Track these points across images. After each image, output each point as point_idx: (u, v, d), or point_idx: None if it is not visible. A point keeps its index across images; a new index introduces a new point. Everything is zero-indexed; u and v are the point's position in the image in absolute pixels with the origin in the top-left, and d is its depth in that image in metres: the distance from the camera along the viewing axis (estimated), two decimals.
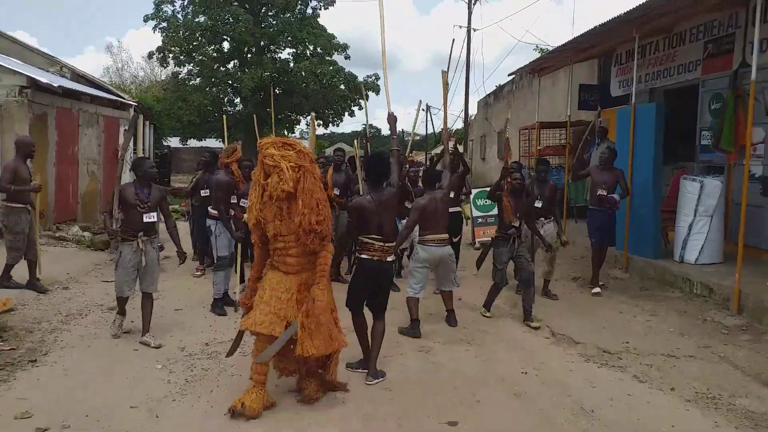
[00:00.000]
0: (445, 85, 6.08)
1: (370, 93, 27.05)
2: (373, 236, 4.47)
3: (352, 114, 28.27)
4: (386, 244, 4.50)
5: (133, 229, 5.20)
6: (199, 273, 8.02)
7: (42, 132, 10.16)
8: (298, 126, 29.11)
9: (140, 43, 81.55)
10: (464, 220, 8.18)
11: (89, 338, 5.31)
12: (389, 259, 4.55)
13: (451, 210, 6.89)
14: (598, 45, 8.97)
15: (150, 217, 5.23)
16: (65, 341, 5.19)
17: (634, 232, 7.88)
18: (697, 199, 7.23)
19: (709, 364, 4.95)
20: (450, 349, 5.32)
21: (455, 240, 7.11)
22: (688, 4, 6.80)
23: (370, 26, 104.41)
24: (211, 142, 29.00)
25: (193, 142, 30.41)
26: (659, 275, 7.39)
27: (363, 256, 4.51)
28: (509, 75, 13.73)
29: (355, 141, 8.56)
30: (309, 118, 7.27)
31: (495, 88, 22.31)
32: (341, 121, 28.15)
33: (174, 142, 30.50)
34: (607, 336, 5.62)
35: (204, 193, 7.56)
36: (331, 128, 30.43)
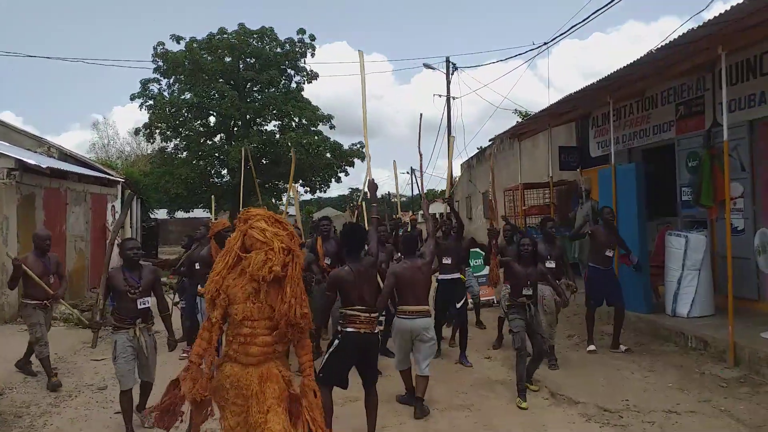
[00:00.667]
0: (451, 150, 6.47)
1: (355, 160, 27.56)
2: (357, 308, 4.34)
3: (338, 180, 28.63)
4: (371, 315, 4.39)
5: (127, 317, 4.84)
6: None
7: (29, 212, 10.18)
8: (285, 194, 29.34)
9: (126, 119, 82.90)
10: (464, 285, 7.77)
11: (80, 421, 5.17)
12: (376, 330, 4.43)
13: (450, 277, 6.94)
14: (575, 110, 9.34)
15: (144, 303, 4.90)
16: (55, 425, 5.05)
17: (624, 287, 7.96)
18: (683, 253, 7.37)
19: (710, 418, 4.92)
20: (449, 416, 5.24)
21: (458, 306, 6.94)
22: (657, 71, 7.16)
23: (354, 95, 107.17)
24: (199, 213, 29.07)
25: (180, 214, 30.48)
26: (653, 330, 7.42)
27: (348, 329, 4.34)
28: (490, 140, 14.12)
29: (347, 208, 9.17)
30: (293, 187, 7.04)
31: (477, 150, 22.85)
32: (328, 187, 28.52)
33: (161, 213, 30.54)
34: (606, 394, 5.59)
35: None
36: (318, 193, 30.74)
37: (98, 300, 4.92)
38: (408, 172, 48.71)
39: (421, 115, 7.12)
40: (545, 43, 14.67)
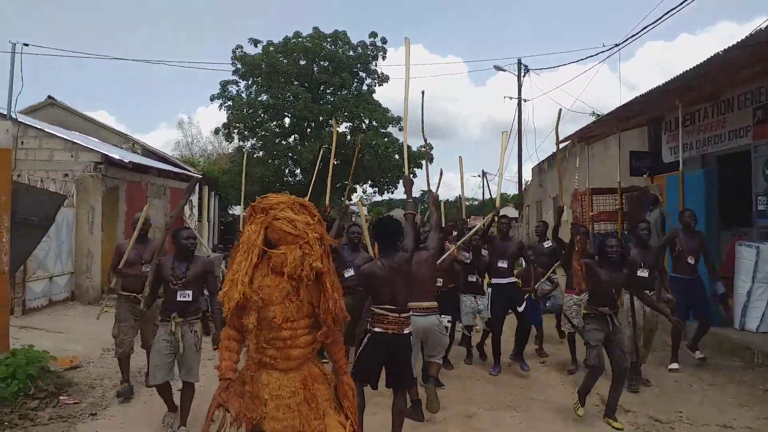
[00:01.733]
0: (504, 147, 6.25)
1: (422, 161, 27.71)
2: (386, 306, 4.08)
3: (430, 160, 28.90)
4: (401, 315, 4.11)
5: (168, 308, 4.63)
6: None
7: (113, 203, 10.96)
8: (355, 193, 29.92)
9: (209, 119, 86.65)
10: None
11: (146, 394, 5.55)
12: (406, 331, 4.15)
13: (507, 281, 6.54)
14: (642, 114, 9.06)
15: (185, 296, 4.59)
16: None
17: None
18: (754, 265, 7.04)
19: None
20: (495, 415, 5.27)
21: (520, 309, 6.49)
22: (726, 73, 6.87)
23: (428, 98, 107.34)
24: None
25: None
26: (718, 343, 7.12)
27: (376, 329, 4.09)
28: (557, 144, 13.81)
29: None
30: (361, 191, 6.57)
31: (549, 155, 22.44)
32: (396, 188, 28.75)
33: (238, 210, 31.79)
34: (660, 405, 5.44)
35: None
36: (388, 195, 31.09)
37: (145, 288, 4.73)
38: (479, 176, 48.45)
39: (423, 92, 5.49)
40: (616, 45, 14.06)
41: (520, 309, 6.52)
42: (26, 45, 11.50)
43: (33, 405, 5.11)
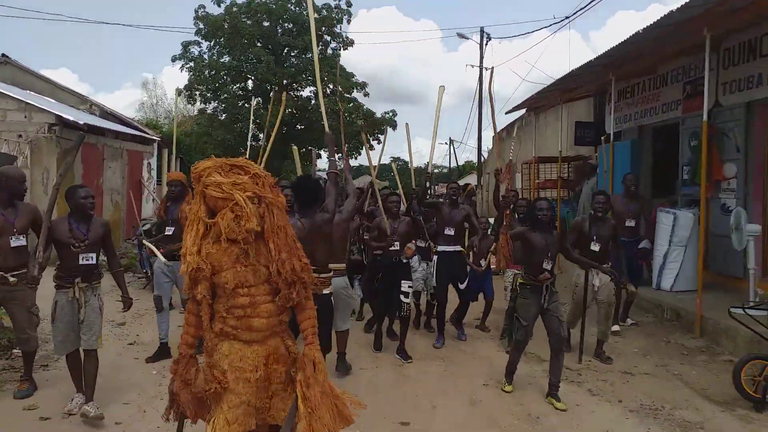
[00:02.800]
0: (439, 101, 6.21)
1: (388, 128, 27.96)
2: None
3: (371, 147, 29.06)
4: (321, 276, 4.12)
5: (69, 274, 4.28)
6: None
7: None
8: (319, 159, 30.11)
9: (174, 80, 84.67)
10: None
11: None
12: (325, 291, 4.25)
13: (452, 249, 6.33)
14: (584, 86, 9.50)
15: (88, 259, 4.29)
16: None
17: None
18: (671, 229, 7.62)
19: (661, 381, 5.30)
20: (422, 364, 5.76)
21: (462, 287, 6.45)
22: (650, 51, 7.31)
23: (400, 63, 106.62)
24: None
25: None
26: (636, 302, 7.73)
27: None
28: (506, 113, 14.31)
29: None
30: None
31: (507, 124, 22.91)
32: (359, 154, 28.95)
33: None
34: (570, 356, 5.98)
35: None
36: (357, 161, 31.31)
37: (37, 252, 4.19)
38: (447, 143, 48.89)
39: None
40: (567, 17, 14.46)
41: (462, 286, 6.43)
42: None
43: None
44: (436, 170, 35.07)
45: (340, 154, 6.36)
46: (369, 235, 6.23)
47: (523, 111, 14.27)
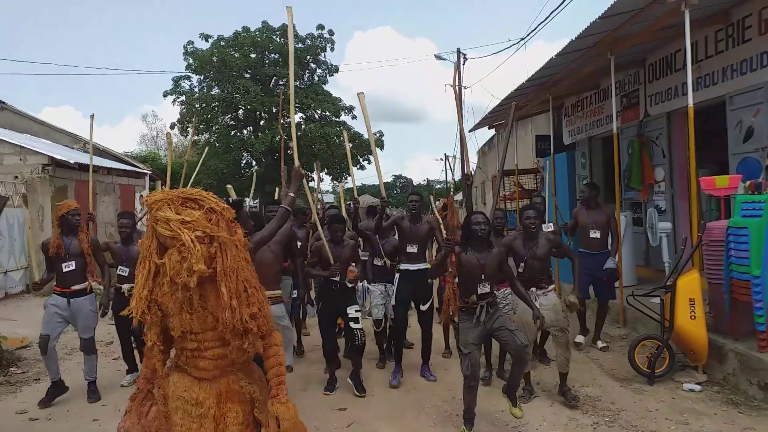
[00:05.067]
0: (364, 108, 5.32)
1: (377, 149, 28.90)
2: None
3: (362, 168, 29.96)
4: None
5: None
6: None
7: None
8: (311, 182, 30.98)
9: (174, 112, 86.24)
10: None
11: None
12: None
13: (415, 267, 5.73)
14: (527, 104, 10.28)
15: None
16: (64, 367, 6.48)
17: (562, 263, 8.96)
18: None
19: (579, 364, 5.94)
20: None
21: (424, 308, 5.77)
22: (567, 75, 8.09)
23: (396, 84, 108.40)
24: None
25: None
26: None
27: None
28: (469, 131, 15.12)
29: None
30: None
31: (488, 139, 23.73)
32: (349, 175, 29.87)
33: None
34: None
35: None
36: (359, 181, 32.06)
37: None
38: (442, 159, 49.71)
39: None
40: (522, 39, 15.29)
41: (424, 308, 5.77)
42: None
43: None
44: (437, 186, 35.57)
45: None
46: (309, 261, 5.70)
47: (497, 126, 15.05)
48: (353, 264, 5.54)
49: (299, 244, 6.43)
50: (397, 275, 5.92)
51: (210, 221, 2.48)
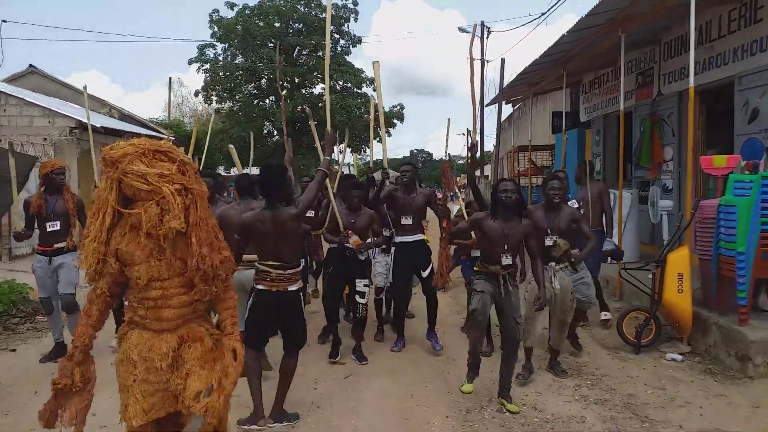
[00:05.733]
0: (378, 77, 5.45)
1: (396, 121, 29.01)
2: (269, 263, 3.88)
3: (380, 140, 30.13)
4: (286, 272, 3.87)
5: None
6: None
7: (89, 165, 12.28)
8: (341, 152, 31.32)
9: (199, 79, 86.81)
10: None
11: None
12: (291, 288, 3.90)
13: (411, 239, 5.65)
14: (542, 80, 10.34)
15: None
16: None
17: None
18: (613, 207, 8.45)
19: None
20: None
21: (425, 275, 5.66)
22: (579, 52, 8.15)
23: (422, 56, 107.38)
24: (253, 170, 31.42)
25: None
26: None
27: (259, 286, 3.92)
28: (486, 105, 15.19)
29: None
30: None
31: (507, 115, 23.70)
32: (369, 147, 30.07)
33: (221, 170, 33.08)
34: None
35: None
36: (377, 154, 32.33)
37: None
38: (464, 134, 49.66)
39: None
40: (542, 14, 15.23)
41: (425, 273, 5.66)
42: (4, 21, 12.58)
43: (14, 321, 6.61)
44: (461, 161, 35.28)
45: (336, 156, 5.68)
46: (327, 227, 5.58)
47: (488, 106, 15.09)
48: (349, 234, 5.24)
49: (312, 213, 6.05)
50: (393, 249, 5.78)
51: (184, 174, 2.55)
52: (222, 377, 2.55)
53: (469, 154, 5.76)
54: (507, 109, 20.07)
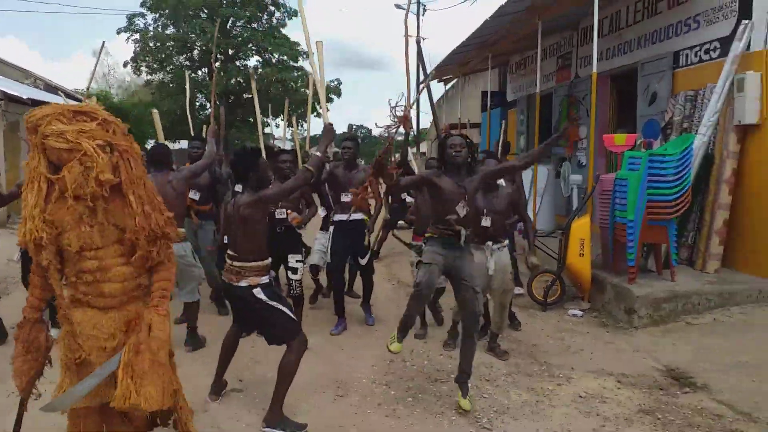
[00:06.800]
0: (321, 58, 4.34)
1: (333, 96, 29.11)
2: (229, 252, 3.70)
3: (318, 115, 30.18)
4: (235, 263, 3.60)
5: None
6: None
7: (15, 138, 11.99)
8: (267, 127, 31.07)
9: (128, 49, 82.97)
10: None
11: None
12: (242, 283, 3.58)
13: (350, 218, 5.29)
14: (470, 61, 10.89)
15: None
16: None
17: None
18: (530, 182, 9.16)
19: None
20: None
21: (363, 262, 5.56)
22: (501, 37, 8.71)
23: (362, 31, 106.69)
24: (185, 144, 30.87)
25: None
26: None
27: (223, 277, 3.78)
28: (421, 83, 15.66)
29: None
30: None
31: (442, 93, 24.29)
32: (305, 122, 30.07)
33: (151, 144, 32.27)
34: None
35: None
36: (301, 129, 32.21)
37: None
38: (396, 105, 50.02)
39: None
40: None
41: (363, 261, 5.55)
42: None
43: None
44: (399, 137, 35.62)
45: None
46: None
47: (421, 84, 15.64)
48: (289, 211, 5.10)
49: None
50: (330, 228, 5.54)
51: (107, 132, 2.40)
52: (131, 354, 2.37)
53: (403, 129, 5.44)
54: (440, 88, 20.66)
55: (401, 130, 3.85)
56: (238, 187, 4.01)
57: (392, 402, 3.98)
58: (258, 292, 3.58)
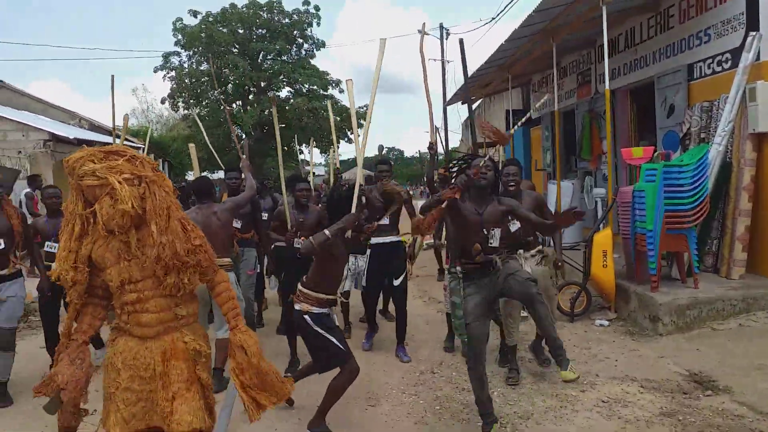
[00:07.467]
0: (351, 95, 4.62)
1: (362, 121, 29.76)
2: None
3: (349, 141, 30.83)
4: (301, 286, 3.81)
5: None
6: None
7: (63, 176, 12.72)
8: (301, 155, 31.84)
9: (165, 86, 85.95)
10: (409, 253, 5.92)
11: None
12: (297, 306, 3.78)
13: (386, 240, 5.36)
14: (491, 83, 11.18)
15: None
16: None
17: None
18: (556, 196, 9.33)
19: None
20: None
21: (397, 283, 5.39)
22: (517, 59, 8.96)
23: (391, 55, 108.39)
24: (221, 174, 31.79)
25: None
26: None
27: None
28: (446, 104, 16.06)
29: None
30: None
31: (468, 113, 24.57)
32: (337, 147, 30.71)
33: (191, 176, 33.36)
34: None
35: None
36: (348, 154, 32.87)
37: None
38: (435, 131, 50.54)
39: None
40: (492, 19, 16.21)
41: (397, 282, 5.39)
42: None
43: None
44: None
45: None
46: (271, 225, 5.46)
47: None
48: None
49: (266, 215, 6.23)
50: (368, 252, 5.47)
51: (134, 165, 2.55)
52: (238, 375, 2.64)
53: (429, 153, 5.85)
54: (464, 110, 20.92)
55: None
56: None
57: (421, 411, 4.21)
58: (307, 318, 3.73)
